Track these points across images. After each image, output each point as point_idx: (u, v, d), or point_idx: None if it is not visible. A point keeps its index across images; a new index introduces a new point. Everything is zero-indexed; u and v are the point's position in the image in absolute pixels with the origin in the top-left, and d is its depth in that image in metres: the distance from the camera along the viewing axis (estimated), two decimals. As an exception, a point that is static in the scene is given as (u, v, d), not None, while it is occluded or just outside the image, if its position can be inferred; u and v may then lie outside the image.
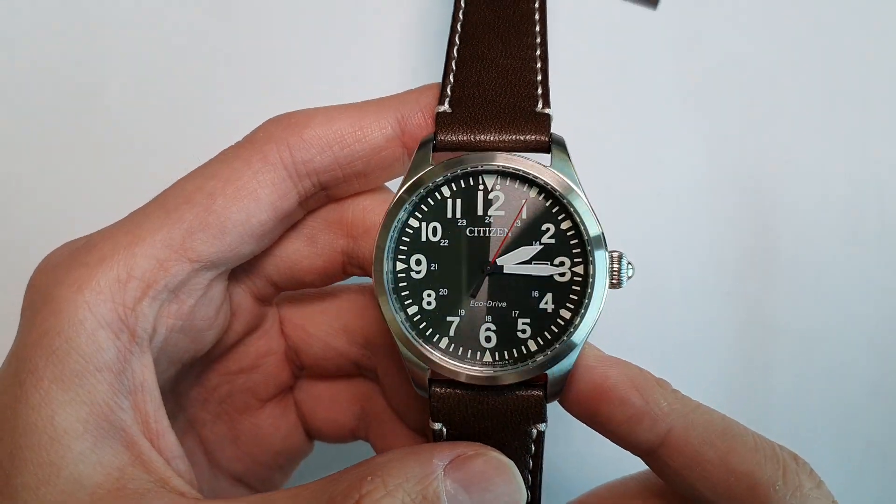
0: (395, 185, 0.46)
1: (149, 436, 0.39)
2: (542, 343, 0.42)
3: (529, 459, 0.42)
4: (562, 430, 0.62)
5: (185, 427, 0.50)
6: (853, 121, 0.65)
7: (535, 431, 0.42)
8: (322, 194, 0.45)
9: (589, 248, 0.41)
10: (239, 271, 0.46)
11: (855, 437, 0.64)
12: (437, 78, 0.44)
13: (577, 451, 0.64)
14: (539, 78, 0.43)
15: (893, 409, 0.64)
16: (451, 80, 0.44)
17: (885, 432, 0.64)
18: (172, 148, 0.63)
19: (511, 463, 0.40)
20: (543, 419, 0.42)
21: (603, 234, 0.41)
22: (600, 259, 0.41)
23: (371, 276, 0.42)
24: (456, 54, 0.45)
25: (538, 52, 0.44)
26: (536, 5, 0.46)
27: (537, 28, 0.45)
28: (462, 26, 0.45)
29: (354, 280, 0.49)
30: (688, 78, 0.65)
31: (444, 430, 0.42)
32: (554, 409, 0.43)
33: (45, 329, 0.37)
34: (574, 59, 0.65)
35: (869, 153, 0.65)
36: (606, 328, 0.63)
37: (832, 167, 0.65)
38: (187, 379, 0.48)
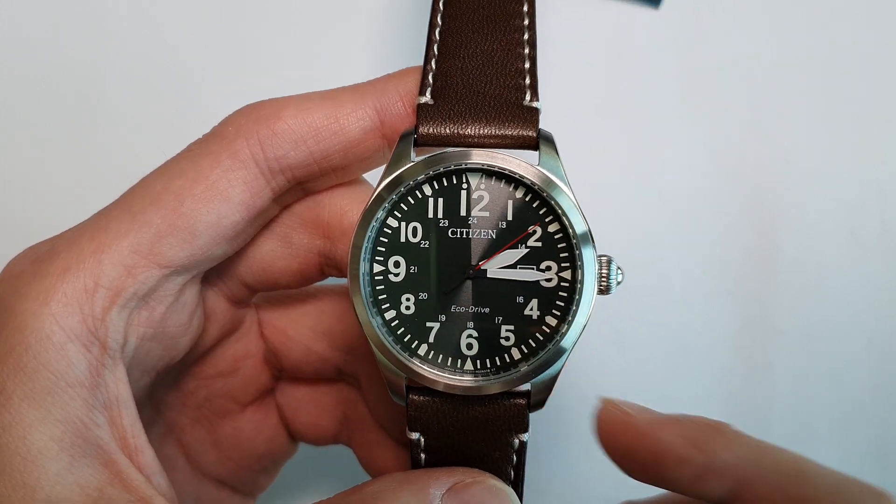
0: (373, 177, 0.44)
1: (127, 452, 0.37)
2: (526, 351, 0.40)
3: (511, 470, 0.40)
4: (547, 443, 0.61)
5: (165, 432, 0.48)
6: (854, 121, 0.64)
7: (517, 441, 0.40)
8: (298, 188, 0.42)
9: (575, 241, 0.38)
10: (212, 274, 0.44)
11: (855, 437, 0.64)
12: (417, 58, 0.42)
13: (564, 465, 0.63)
14: (527, 66, 0.41)
15: (893, 409, 0.64)
16: (433, 66, 0.41)
17: (885, 432, 0.64)
18: (147, 139, 0.61)
19: (510, 490, 0.39)
20: (526, 429, 0.40)
21: (590, 231, 0.38)
22: (588, 260, 0.38)
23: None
24: (438, 37, 0.41)
25: (526, 37, 0.41)
26: None
27: (525, 8, 0.42)
28: (444, 5, 0.42)
29: (336, 281, 0.47)
30: (690, 77, 0.64)
31: (422, 439, 0.40)
32: (536, 418, 0.41)
33: (10, 346, 0.35)
34: (574, 58, 0.64)
35: (870, 153, 0.64)
36: (607, 328, 0.62)
37: (833, 167, 0.64)
38: (164, 384, 0.46)
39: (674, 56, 0.64)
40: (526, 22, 0.41)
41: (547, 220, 0.39)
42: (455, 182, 0.39)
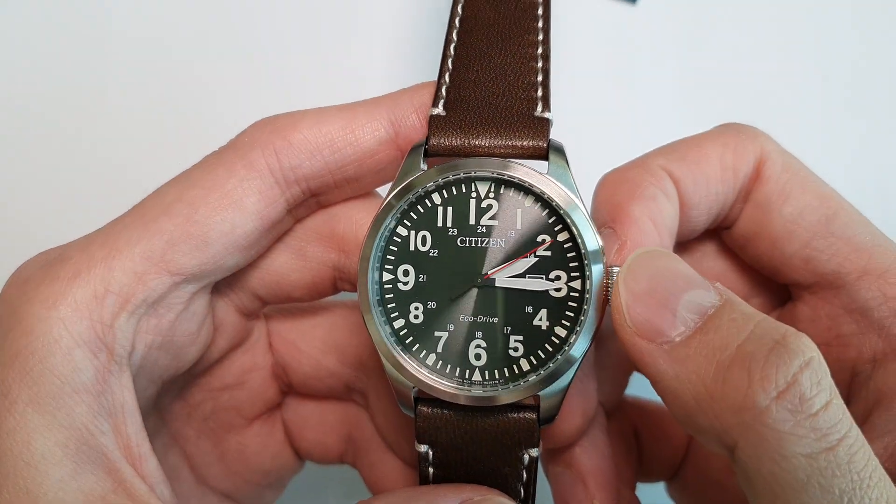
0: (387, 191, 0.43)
1: (131, 460, 0.37)
2: (535, 362, 0.39)
3: (521, 487, 0.40)
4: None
5: (169, 443, 0.47)
6: (853, 121, 0.64)
7: (527, 457, 0.39)
8: (312, 201, 0.42)
9: (586, 262, 0.38)
10: (223, 285, 0.43)
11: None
12: (433, 75, 0.42)
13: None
14: (539, 79, 0.41)
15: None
16: (447, 80, 0.41)
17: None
18: (162, 149, 0.62)
19: None
20: (536, 444, 0.39)
21: (602, 248, 0.38)
22: (598, 274, 0.38)
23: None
24: (452, 52, 0.42)
25: (539, 51, 0.41)
26: None
27: (540, 24, 0.42)
28: (460, 21, 0.43)
29: (348, 296, 0.47)
30: (688, 77, 0.65)
31: (430, 452, 0.40)
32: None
33: (17, 349, 0.35)
34: (571, 58, 0.64)
35: (869, 153, 0.64)
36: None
37: (832, 167, 0.63)
38: (170, 394, 0.46)
39: (673, 55, 0.65)
40: (540, 37, 0.42)
41: (556, 229, 0.39)
42: (465, 191, 0.39)
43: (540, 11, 0.43)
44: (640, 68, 0.65)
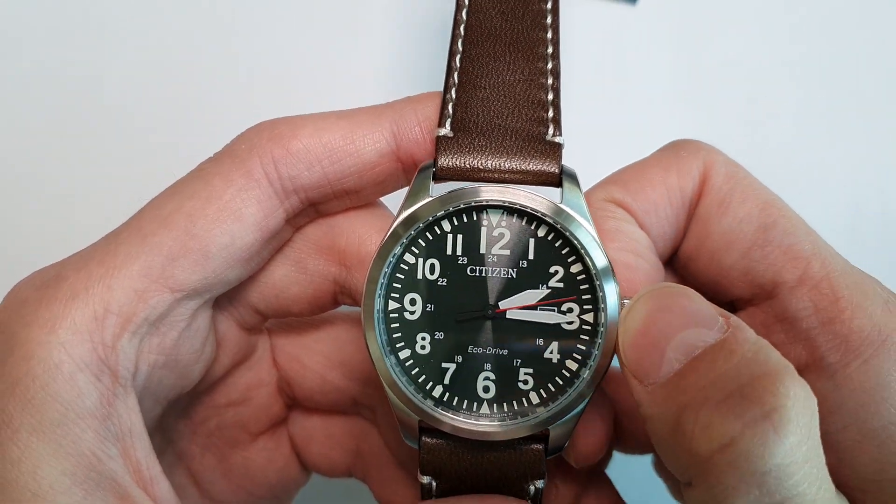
0: (390, 200, 0.42)
1: (141, 484, 0.36)
2: (545, 395, 0.38)
3: None
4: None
5: (174, 461, 0.46)
6: (854, 119, 0.63)
7: (532, 489, 0.39)
8: (311, 210, 0.41)
9: (598, 282, 0.37)
10: (222, 300, 0.42)
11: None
12: (436, 82, 0.40)
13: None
14: (550, 98, 0.39)
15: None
16: (453, 96, 0.39)
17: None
18: (157, 158, 0.60)
19: None
20: (542, 475, 0.39)
21: (612, 267, 0.37)
22: (612, 303, 0.37)
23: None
24: (458, 65, 0.40)
25: (549, 66, 0.40)
26: (549, 6, 0.41)
27: (549, 36, 0.40)
28: (465, 29, 0.41)
29: (352, 309, 0.46)
30: (688, 78, 0.64)
31: (434, 483, 0.39)
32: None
33: (17, 376, 0.34)
34: (569, 58, 0.63)
35: (870, 152, 0.64)
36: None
37: (832, 166, 0.63)
38: (174, 413, 0.45)
39: (671, 54, 0.64)
40: (549, 50, 0.40)
41: (569, 260, 0.38)
42: (475, 218, 0.38)
43: (549, 21, 0.41)
44: (640, 69, 0.64)
